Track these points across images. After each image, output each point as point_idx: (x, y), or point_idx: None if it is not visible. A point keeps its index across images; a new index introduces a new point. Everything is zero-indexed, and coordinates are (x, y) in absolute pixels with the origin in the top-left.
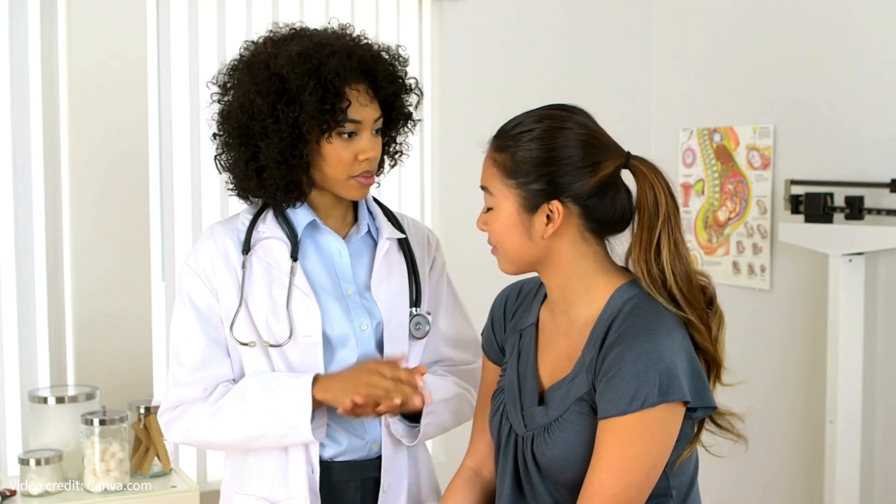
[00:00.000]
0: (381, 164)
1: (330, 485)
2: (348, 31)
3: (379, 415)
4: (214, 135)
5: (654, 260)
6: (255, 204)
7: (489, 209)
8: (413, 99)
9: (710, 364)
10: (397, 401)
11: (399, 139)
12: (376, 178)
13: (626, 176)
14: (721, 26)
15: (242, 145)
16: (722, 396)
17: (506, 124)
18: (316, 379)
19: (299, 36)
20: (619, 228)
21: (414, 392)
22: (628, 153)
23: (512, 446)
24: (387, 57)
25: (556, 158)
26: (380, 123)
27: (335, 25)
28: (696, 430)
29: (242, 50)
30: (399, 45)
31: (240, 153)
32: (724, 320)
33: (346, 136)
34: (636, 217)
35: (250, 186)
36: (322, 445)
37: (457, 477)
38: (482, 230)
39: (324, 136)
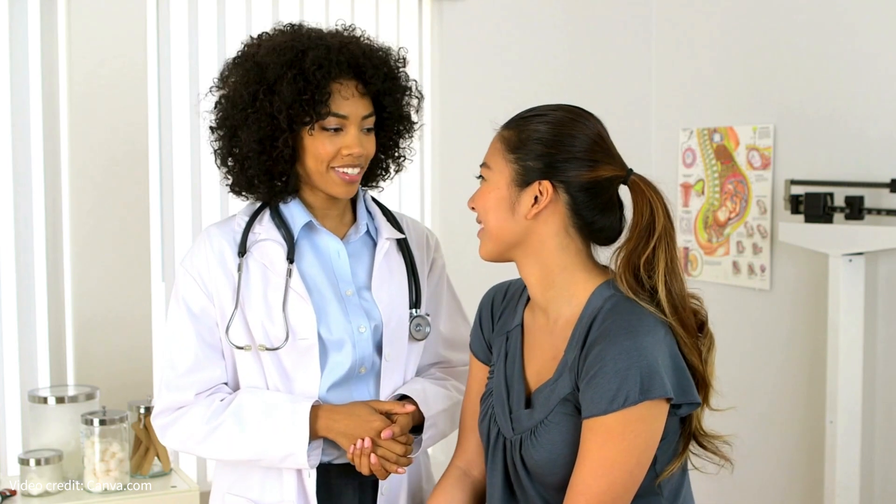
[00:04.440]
0: (386, 169)
1: (328, 487)
2: (349, 30)
3: (370, 472)
4: (211, 128)
5: (645, 272)
6: (251, 203)
7: (481, 184)
8: (412, 101)
9: (699, 384)
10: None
11: (402, 143)
12: (382, 184)
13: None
14: (721, 26)
15: (227, 136)
16: (719, 404)
17: (523, 110)
18: (316, 411)
19: (292, 31)
20: (605, 238)
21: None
22: (630, 170)
23: (501, 450)
24: (381, 55)
25: (560, 143)
26: (370, 122)
27: (339, 26)
28: (681, 445)
29: (240, 46)
30: (401, 47)
31: (224, 144)
32: (715, 344)
33: (331, 130)
34: (628, 232)
35: (239, 180)
36: None
37: (445, 477)
38: (470, 208)
39: (305, 128)
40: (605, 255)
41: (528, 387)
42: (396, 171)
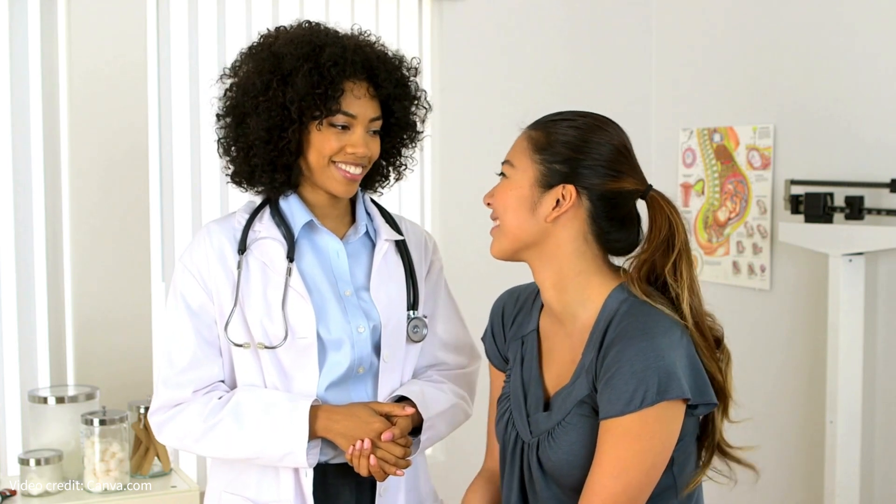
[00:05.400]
0: (386, 176)
1: (325, 487)
2: (364, 35)
3: (369, 473)
4: (218, 116)
5: (671, 278)
6: (251, 200)
7: (502, 180)
8: (419, 111)
9: (719, 396)
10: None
11: (405, 152)
12: (381, 190)
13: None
14: (721, 26)
15: (234, 123)
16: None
17: (550, 113)
18: (315, 411)
19: (310, 27)
20: (620, 250)
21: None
22: (650, 185)
23: (518, 453)
24: (395, 61)
25: (587, 149)
26: (377, 125)
27: (356, 30)
28: (705, 458)
29: (257, 37)
30: (414, 57)
31: (231, 131)
32: (732, 360)
33: (338, 127)
34: (645, 245)
35: (241, 169)
36: None
37: (477, 477)
38: (487, 204)
39: (314, 122)
40: (619, 259)
41: (546, 391)
42: (396, 180)
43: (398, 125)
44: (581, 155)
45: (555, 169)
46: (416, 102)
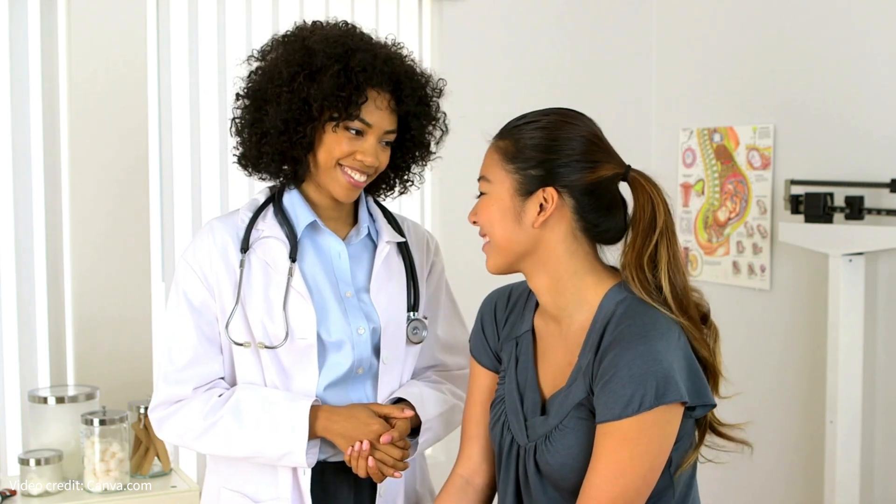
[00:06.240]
0: (390, 186)
1: (323, 485)
2: (396, 46)
3: (367, 475)
4: (238, 95)
5: (649, 270)
6: (255, 198)
7: (482, 197)
8: (436, 132)
9: (709, 374)
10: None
11: (414, 168)
12: (384, 197)
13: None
14: (721, 26)
15: (253, 106)
16: (722, 402)
17: (513, 119)
18: (315, 411)
19: (346, 28)
20: (611, 238)
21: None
22: (629, 166)
23: (514, 457)
24: (422, 79)
25: (558, 147)
26: (391, 137)
27: (389, 40)
28: (697, 437)
29: (291, 27)
30: (440, 79)
31: (248, 114)
32: (720, 334)
33: (353, 132)
34: (631, 229)
35: (250, 153)
36: None
37: (447, 486)
38: (472, 222)
39: (331, 123)
40: (612, 255)
41: (542, 394)
42: (401, 193)
43: (411, 142)
44: (553, 155)
45: (530, 175)
46: (434, 123)
